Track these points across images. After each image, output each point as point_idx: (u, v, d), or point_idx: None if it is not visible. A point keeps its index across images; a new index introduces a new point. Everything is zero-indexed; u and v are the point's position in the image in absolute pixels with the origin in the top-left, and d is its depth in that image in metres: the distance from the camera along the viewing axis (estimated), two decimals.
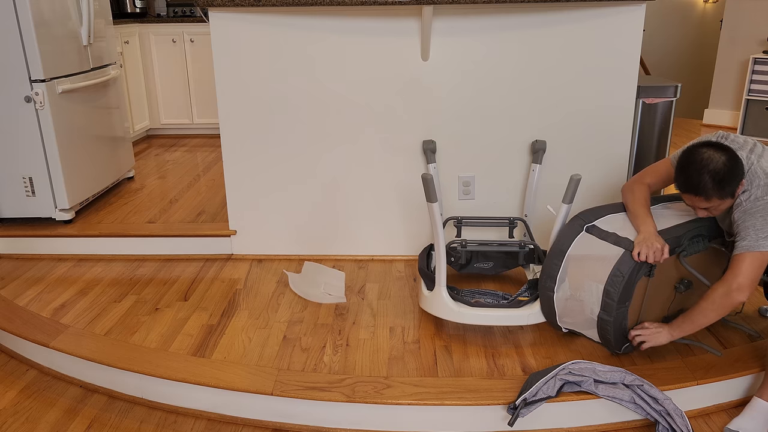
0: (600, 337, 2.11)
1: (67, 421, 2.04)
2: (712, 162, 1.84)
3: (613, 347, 2.09)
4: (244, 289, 2.68)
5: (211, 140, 5.18)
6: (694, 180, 1.86)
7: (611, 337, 2.05)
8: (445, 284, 2.25)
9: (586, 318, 2.09)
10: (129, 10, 5.15)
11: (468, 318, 2.22)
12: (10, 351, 2.46)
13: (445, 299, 2.24)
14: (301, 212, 2.95)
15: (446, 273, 2.80)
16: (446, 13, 2.64)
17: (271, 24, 2.68)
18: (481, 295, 2.48)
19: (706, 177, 1.84)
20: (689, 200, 1.93)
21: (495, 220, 2.72)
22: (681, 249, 2.01)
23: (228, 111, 2.81)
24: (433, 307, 2.28)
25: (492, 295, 2.49)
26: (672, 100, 3.04)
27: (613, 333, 2.03)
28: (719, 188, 1.84)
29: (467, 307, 2.22)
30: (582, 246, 2.09)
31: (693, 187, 1.87)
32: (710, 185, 1.84)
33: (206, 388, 2.05)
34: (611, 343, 2.07)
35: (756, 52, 5.42)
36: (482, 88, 2.74)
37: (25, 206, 3.14)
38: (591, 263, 2.04)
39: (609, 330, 2.03)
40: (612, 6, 2.61)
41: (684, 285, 2.10)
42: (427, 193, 2.13)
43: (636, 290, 1.99)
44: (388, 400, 1.93)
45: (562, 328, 2.23)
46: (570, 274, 2.10)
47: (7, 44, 2.89)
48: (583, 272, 2.06)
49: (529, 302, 2.24)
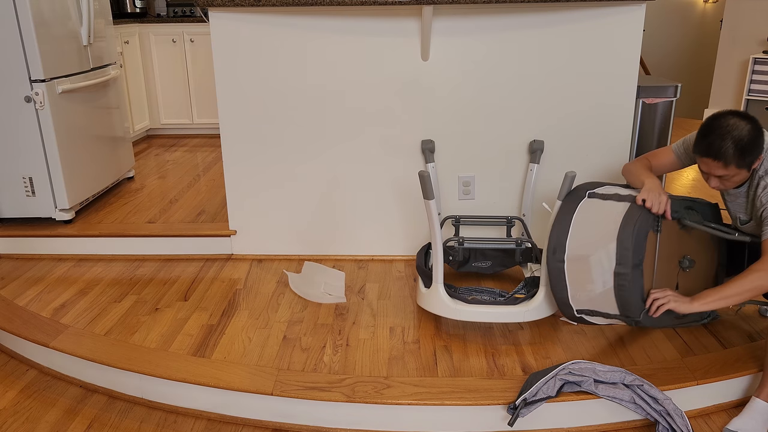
0: (618, 302, 2.02)
1: (67, 421, 2.04)
2: (737, 129, 1.86)
3: (632, 310, 2.01)
4: (244, 289, 2.68)
5: (211, 140, 5.18)
6: (716, 145, 1.87)
7: (630, 296, 1.97)
8: (442, 281, 2.25)
9: (602, 284, 2.02)
10: (129, 10, 5.15)
11: (464, 315, 2.22)
12: (10, 351, 2.46)
13: (441, 296, 2.24)
14: (301, 212, 2.95)
15: (445, 272, 2.82)
16: (446, 13, 2.64)
17: (271, 24, 2.68)
18: (478, 293, 2.48)
19: (729, 142, 1.85)
20: (705, 166, 1.94)
21: (493, 219, 2.73)
22: (679, 215, 2.03)
23: (228, 111, 2.81)
24: (430, 304, 2.28)
25: (489, 293, 2.49)
26: (672, 100, 3.04)
27: (632, 291, 1.97)
28: (739, 156, 1.86)
29: (464, 304, 2.22)
30: (587, 210, 2.08)
31: (714, 152, 1.88)
32: (731, 151, 1.85)
33: (206, 388, 2.05)
34: (630, 305, 1.99)
35: (756, 52, 5.42)
36: (482, 87, 2.74)
37: (25, 206, 3.14)
38: (599, 225, 2.03)
39: (626, 287, 1.96)
40: (612, 6, 2.61)
41: (688, 261, 2.11)
42: (424, 190, 2.13)
43: (647, 248, 1.98)
44: (388, 400, 1.93)
45: (574, 311, 2.13)
46: (579, 240, 2.06)
47: (7, 44, 2.89)
48: (592, 236, 2.04)
49: (526, 299, 2.24)
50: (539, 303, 2.22)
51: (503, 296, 2.45)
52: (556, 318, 2.40)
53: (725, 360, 2.10)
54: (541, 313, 2.23)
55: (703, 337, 2.25)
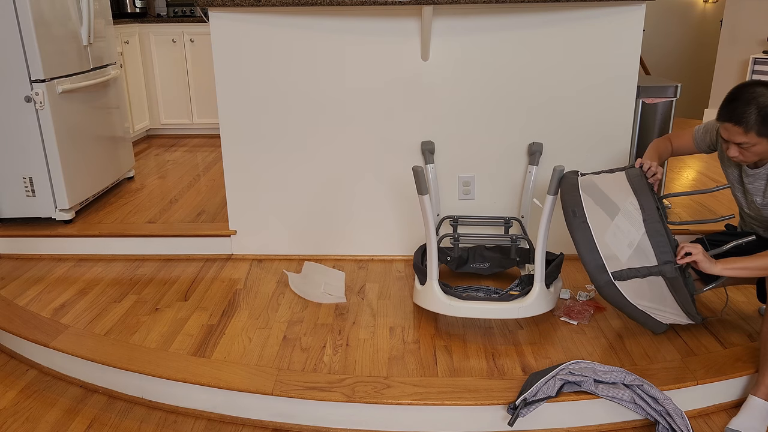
0: (654, 249, 1.96)
1: (67, 421, 2.04)
2: (763, 96, 1.89)
3: (670, 255, 1.95)
4: (244, 289, 2.69)
5: (211, 140, 5.18)
6: (740, 109, 1.90)
7: (666, 236, 1.95)
8: (437, 277, 2.26)
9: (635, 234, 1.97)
10: (129, 10, 5.16)
11: (459, 311, 2.22)
12: (10, 351, 2.46)
13: (436, 292, 2.25)
14: (301, 212, 2.95)
15: (443, 273, 2.82)
16: (446, 13, 2.64)
17: (271, 24, 2.68)
18: (473, 290, 2.49)
19: (753, 108, 1.88)
20: (726, 132, 1.96)
21: (491, 219, 2.73)
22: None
23: (228, 111, 2.81)
24: (425, 300, 2.29)
25: (484, 290, 2.49)
26: (672, 100, 3.04)
27: (664, 231, 1.96)
28: (761, 123, 1.88)
29: (458, 300, 2.23)
30: (587, 184, 2.13)
31: (737, 116, 1.91)
32: (754, 117, 1.88)
33: (206, 388, 2.05)
34: (668, 247, 1.95)
35: (756, 52, 5.42)
36: (482, 88, 2.74)
37: (25, 206, 3.14)
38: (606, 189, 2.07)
39: (660, 230, 1.94)
40: (612, 6, 2.61)
41: None
42: (418, 186, 2.14)
43: None
44: (388, 400, 1.93)
45: (609, 275, 2.01)
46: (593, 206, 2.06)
47: (7, 44, 2.89)
48: (605, 197, 2.05)
49: (521, 296, 2.24)
50: (534, 299, 2.21)
51: (498, 293, 2.46)
52: (556, 318, 2.40)
53: (725, 360, 2.10)
54: (536, 310, 2.22)
55: (703, 337, 2.25)
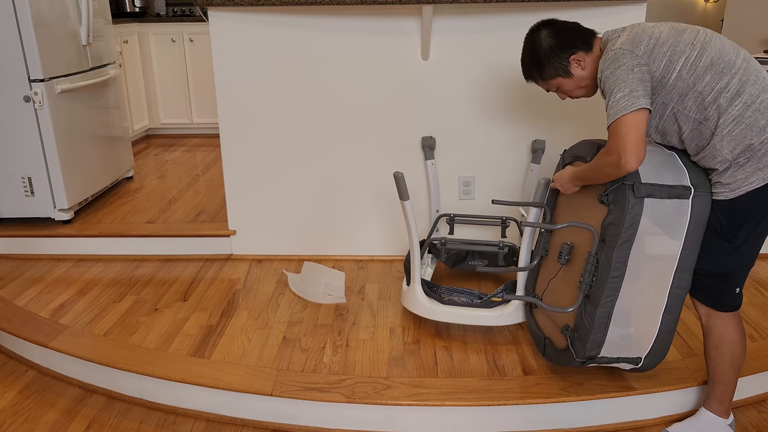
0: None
1: (66, 422, 2.04)
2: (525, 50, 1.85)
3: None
4: (243, 290, 2.68)
5: (210, 140, 5.18)
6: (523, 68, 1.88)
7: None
8: (419, 281, 2.28)
9: None
10: (128, 9, 5.15)
11: (439, 315, 2.24)
12: (9, 351, 2.45)
13: (418, 295, 2.27)
14: (300, 212, 2.95)
15: (439, 270, 2.81)
16: (446, 13, 2.63)
17: (271, 23, 2.67)
18: (458, 294, 2.48)
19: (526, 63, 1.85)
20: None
21: (487, 218, 2.72)
22: None
23: (227, 110, 2.81)
24: (408, 302, 2.32)
25: (468, 294, 2.48)
26: None
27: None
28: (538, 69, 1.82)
29: (438, 304, 2.25)
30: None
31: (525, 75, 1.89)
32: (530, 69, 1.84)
33: (206, 389, 2.05)
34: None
35: (756, 52, 5.42)
36: (483, 87, 2.73)
37: (24, 206, 3.14)
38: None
39: None
40: (612, 6, 2.60)
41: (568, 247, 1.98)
42: (400, 191, 2.14)
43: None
44: (388, 400, 1.93)
45: None
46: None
47: (6, 44, 2.88)
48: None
49: (501, 303, 2.24)
50: (514, 308, 2.21)
51: (481, 298, 2.45)
52: None
53: None
54: (514, 319, 2.21)
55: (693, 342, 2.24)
